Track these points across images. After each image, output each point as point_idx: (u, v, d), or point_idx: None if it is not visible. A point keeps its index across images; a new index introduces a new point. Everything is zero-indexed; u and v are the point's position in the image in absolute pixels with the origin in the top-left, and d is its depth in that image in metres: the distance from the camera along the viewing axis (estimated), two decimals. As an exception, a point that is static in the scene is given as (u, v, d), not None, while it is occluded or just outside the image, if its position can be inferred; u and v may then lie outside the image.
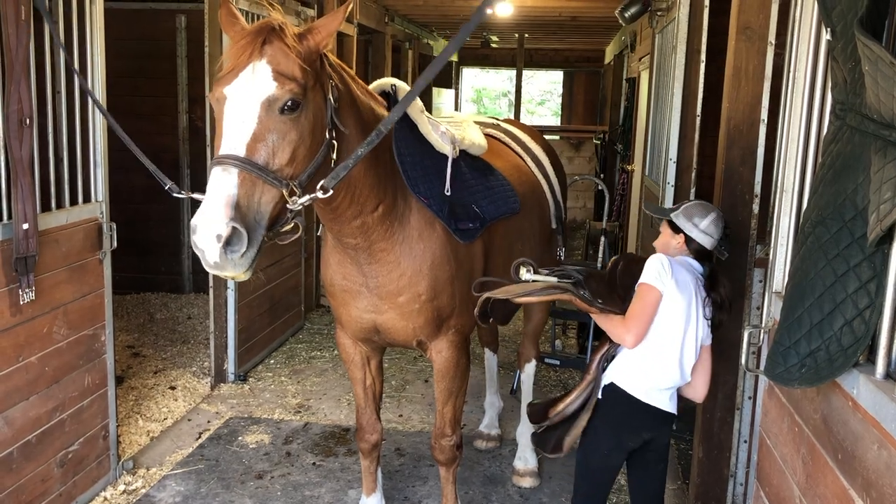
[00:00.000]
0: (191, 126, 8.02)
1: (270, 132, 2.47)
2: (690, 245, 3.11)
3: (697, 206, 3.15)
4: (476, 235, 3.50)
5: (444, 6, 10.47)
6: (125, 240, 4.36)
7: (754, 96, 3.61)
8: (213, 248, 2.30)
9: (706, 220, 3.08)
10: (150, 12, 7.86)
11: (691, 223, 3.09)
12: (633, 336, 2.98)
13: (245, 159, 2.40)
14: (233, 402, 5.59)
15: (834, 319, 1.96)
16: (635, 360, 3.07)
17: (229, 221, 2.31)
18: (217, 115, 2.53)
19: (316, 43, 2.63)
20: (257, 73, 2.47)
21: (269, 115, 2.47)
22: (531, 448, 4.56)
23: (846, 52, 2.00)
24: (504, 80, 26.19)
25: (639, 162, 7.99)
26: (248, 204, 2.40)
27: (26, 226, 3.39)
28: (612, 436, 3.13)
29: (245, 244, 2.34)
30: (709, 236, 3.09)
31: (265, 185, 2.43)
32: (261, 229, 2.44)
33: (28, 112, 3.36)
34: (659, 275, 2.98)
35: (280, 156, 2.48)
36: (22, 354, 3.54)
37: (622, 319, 3.02)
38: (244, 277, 2.47)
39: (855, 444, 1.94)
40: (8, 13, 3.23)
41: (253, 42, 2.51)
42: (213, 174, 2.39)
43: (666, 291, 2.98)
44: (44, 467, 3.74)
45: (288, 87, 2.47)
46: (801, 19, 2.69)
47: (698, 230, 3.08)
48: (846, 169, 1.99)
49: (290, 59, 2.51)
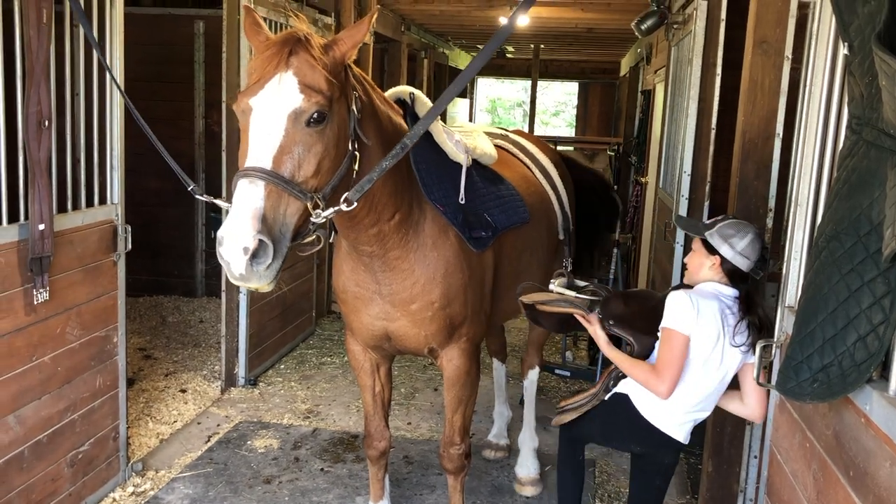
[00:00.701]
0: (207, 131, 8.07)
1: (296, 145, 2.47)
2: (724, 266, 2.97)
3: (734, 224, 2.98)
4: (488, 244, 3.51)
5: (460, 16, 10.51)
6: (139, 243, 4.39)
7: (770, 110, 3.60)
8: (240, 261, 2.32)
9: (744, 241, 2.93)
10: (169, 17, 7.93)
11: (727, 244, 2.93)
12: (666, 387, 2.91)
13: (271, 172, 2.40)
14: (242, 407, 5.60)
15: (847, 335, 1.95)
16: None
17: (256, 234, 2.32)
18: (242, 126, 2.53)
19: (341, 54, 2.63)
20: (284, 85, 2.46)
21: (295, 127, 2.47)
22: (534, 456, 4.58)
23: (863, 66, 2.00)
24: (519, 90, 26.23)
25: (653, 174, 7.97)
26: (274, 216, 2.40)
27: (42, 226, 3.42)
28: (602, 427, 3.21)
29: (271, 256, 2.36)
30: (746, 258, 2.93)
31: (290, 197, 2.43)
32: (286, 241, 2.44)
33: (47, 114, 3.40)
34: (686, 317, 2.89)
35: (305, 168, 2.49)
36: (35, 354, 3.56)
37: (652, 369, 2.95)
38: (268, 289, 2.49)
39: (867, 461, 1.92)
40: (30, 16, 3.26)
41: (279, 53, 2.50)
42: (240, 186, 2.39)
43: (693, 334, 2.89)
44: (54, 467, 3.76)
45: (314, 100, 2.47)
46: (818, 34, 2.69)
47: (735, 251, 2.93)
48: (862, 184, 1.98)
49: (316, 71, 2.51)
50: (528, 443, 4.63)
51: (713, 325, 2.92)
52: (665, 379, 2.90)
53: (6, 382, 3.39)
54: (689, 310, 2.89)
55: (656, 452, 3.13)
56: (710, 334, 2.91)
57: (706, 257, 3.01)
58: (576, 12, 9.91)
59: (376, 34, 9.01)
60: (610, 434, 3.24)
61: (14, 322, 3.41)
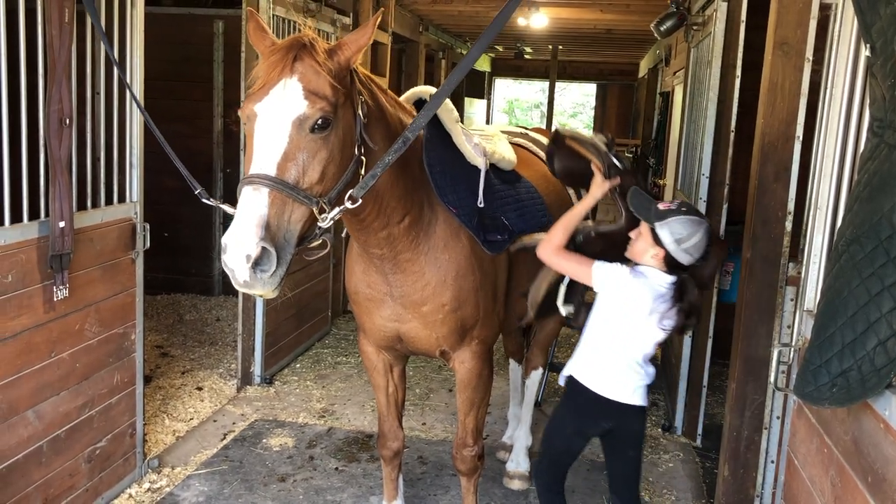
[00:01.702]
0: (225, 130, 8.12)
1: (301, 151, 2.48)
2: (667, 259, 2.97)
3: (686, 222, 2.93)
4: (504, 248, 3.50)
5: (478, 17, 10.51)
6: (157, 241, 4.42)
7: (790, 112, 3.57)
8: (243, 268, 2.33)
9: (691, 240, 2.92)
10: (188, 17, 7.98)
11: (674, 240, 2.92)
12: (546, 253, 3.16)
13: (276, 178, 2.41)
14: (258, 405, 5.63)
15: (867, 339, 1.93)
16: (590, 355, 3.19)
17: (259, 242, 2.33)
18: (248, 133, 2.54)
19: (346, 59, 2.63)
20: (288, 91, 2.47)
21: (299, 133, 2.47)
22: (525, 453, 4.64)
23: (885, 68, 1.98)
24: (536, 91, 26.20)
25: (671, 176, 7.93)
26: (278, 223, 2.42)
27: (62, 224, 3.45)
28: (571, 422, 3.29)
29: (274, 264, 2.37)
30: (689, 255, 2.95)
31: (295, 203, 2.44)
32: (290, 248, 2.46)
33: (68, 112, 3.43)
34: (608, 279, 3.03)
35: (310, 174, 2.49)
36: (54, 350, 3.60)
37: (566, 252, 3.15)
38: (272, 296, 2.51)
39: (886, 468, 1.90)
40: (52, 15, 3.30)
41: (284, 58, 2.51)
42: (244, 193, 2.41)
43: (609, 297, 3.07)
44: (71, 462, 3.80)
45: (319, 106, 2.48)
46: (839, 35, 2.66)
47: (680, 249, 2.93)
48: (883, 187, 1.96)
49: (320, 76, 2.51)
50: (521, 440, 4.68)
51: (643, 304, 2.99)
52: (555, 252, 3.14)
53: (26, 378, 3.43)
54: (620, 282, 3.01)
55: (624, 422, 3.22)
56: (640, 309, 3.00)
57: (651, 245, 2.99)
58: (595, 13, 9.88)
59: (394, 34, 9.02)
60: (583, 423, 3.28)
61: (34, 318, 3.44)
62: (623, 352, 3.12)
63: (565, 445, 3.34)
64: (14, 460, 3.40)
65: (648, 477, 4.79)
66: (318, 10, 6.31)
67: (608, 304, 3.11)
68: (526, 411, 4.78)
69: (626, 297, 3.02)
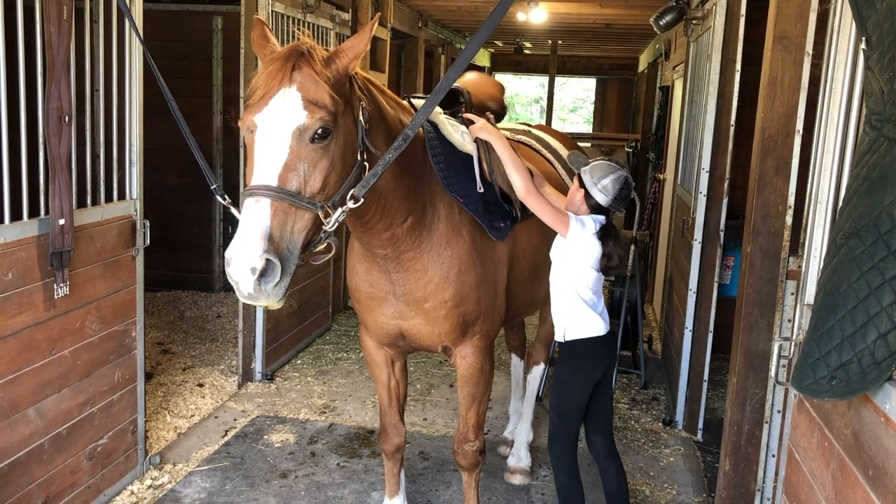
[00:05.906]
0: (225, 126, 8.12)
1: (302, 161, 2.48)
2: (589, 201, 3.36)
3: (603, 166, 3.37)
4: (507, 233, 3.52)
5: (477, 12, 10.49)
6: (157, 238, 4.43)
7: (790, 106, 3.57)
8: (248, 281, 2.34)
9: (605, 180, 3.33)
10: (187, 13, 7.98)
11: (591, 180, 3.34)
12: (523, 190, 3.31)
13: (277, 189, 2.42)
14: (259, 401, 5.63)
15: (867, 332, 1.93)
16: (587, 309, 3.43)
17: (263, 254, 2.34)
18: (248, 144, 2.54)
19: (344, 66, 2.62)
20: (287, 102, 2.47)
21: (300, 144, 2.47)
22: (526, 448, 4.67)
23: (882, 62, 1.97)
24: (536, 86, 26.15)
25: (671, 171, 7.92)
26: (282, 234, 2.42)
27: (62, 221, 3.45)
28: (579, 374, 3.49)
29: (278, 275, 2.38)
30: (604, 194, 3.32)
31: (298, 211, 2.45)
32: (294, 258, 2.46)
33: (67, 109, 3.43)
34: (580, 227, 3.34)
35: (312, 184, 2.50)
36: (55, 348, 3.60)
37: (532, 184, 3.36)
38: (277, 306, 2.52)
39: (886, 461, 1.90)
40: (51, 13, 3.29)
41: (282, 68, 2.50)
42: (246, 206, 2.41)
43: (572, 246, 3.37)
44: (73, 459, 3.80)
45: (318, 116, 2.47)
46: (839, 29, 2.66)
47: (596, 188, 3.33)
48: (882, 181, 1.96)
49: (319, 86, 2.50)
50: (523, 435, 4.70)
51: (592, 248, 3.36)
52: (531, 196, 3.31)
53: (27, 376, 3.43)
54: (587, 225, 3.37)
55: (612, 350, 3.58)
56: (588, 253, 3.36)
57: (577, 190, 3.43)
58: (594, 8, 9.87)
59: (393, 30, 9.00)
60: (592, 370, 3.49)
61: (35, 316, 3.45)
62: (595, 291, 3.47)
63: (579, 399, 3.52)
64: (16, 458, 3.40)
65: (650, 471, 4.80)
66: (316, 5, 6.30)
67: (568, 255, 3.40)
68: (527, 407, 4.78)
69: (582, 245, 3.37)
